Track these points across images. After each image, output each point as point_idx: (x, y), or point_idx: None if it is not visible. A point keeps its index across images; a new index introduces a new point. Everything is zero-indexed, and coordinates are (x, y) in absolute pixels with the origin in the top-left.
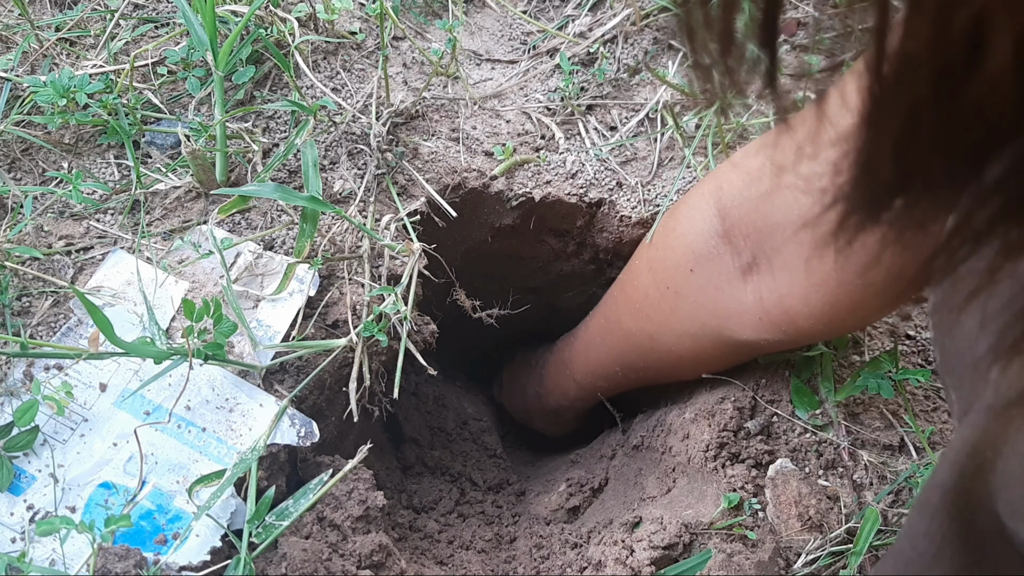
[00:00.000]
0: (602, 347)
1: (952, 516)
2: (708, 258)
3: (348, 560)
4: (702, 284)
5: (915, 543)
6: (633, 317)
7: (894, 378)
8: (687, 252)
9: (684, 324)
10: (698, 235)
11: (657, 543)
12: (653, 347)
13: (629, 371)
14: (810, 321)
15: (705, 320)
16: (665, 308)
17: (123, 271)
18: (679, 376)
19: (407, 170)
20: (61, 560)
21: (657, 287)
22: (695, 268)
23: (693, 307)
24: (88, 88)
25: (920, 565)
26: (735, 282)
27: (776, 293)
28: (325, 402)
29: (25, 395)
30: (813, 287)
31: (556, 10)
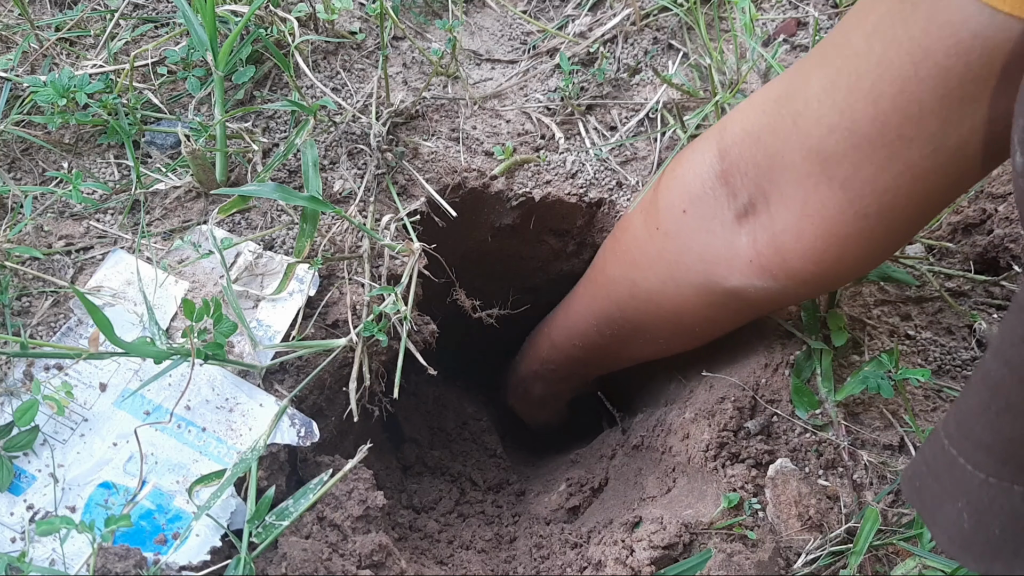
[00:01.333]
0: (582, 298)
1: None
2: (703, 199)
3: (348, 560)
4: (693, 226)
5: (1007, 355)
6: (618, 262)
7: (894, 378)
8: (682, 192)
9: (670, 268)
10: (696, 175)
11: (657, 543)
12: (634, 294)
13: (604, 326)
14: (801, 260)
15: (692, 264)
16: (652, 251)
17: (123, 271)
18: (656, 336)
19: (407, 170)
20: (61, 560)
21: (647, 228)
22: (688, 209)
23: (681, 250)
24: (88, 88)
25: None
26: (729, 226)
27: (770, 231)
28: (325, 402)
29: (25, 395)
30: (807, 219)
31: (556, 10)
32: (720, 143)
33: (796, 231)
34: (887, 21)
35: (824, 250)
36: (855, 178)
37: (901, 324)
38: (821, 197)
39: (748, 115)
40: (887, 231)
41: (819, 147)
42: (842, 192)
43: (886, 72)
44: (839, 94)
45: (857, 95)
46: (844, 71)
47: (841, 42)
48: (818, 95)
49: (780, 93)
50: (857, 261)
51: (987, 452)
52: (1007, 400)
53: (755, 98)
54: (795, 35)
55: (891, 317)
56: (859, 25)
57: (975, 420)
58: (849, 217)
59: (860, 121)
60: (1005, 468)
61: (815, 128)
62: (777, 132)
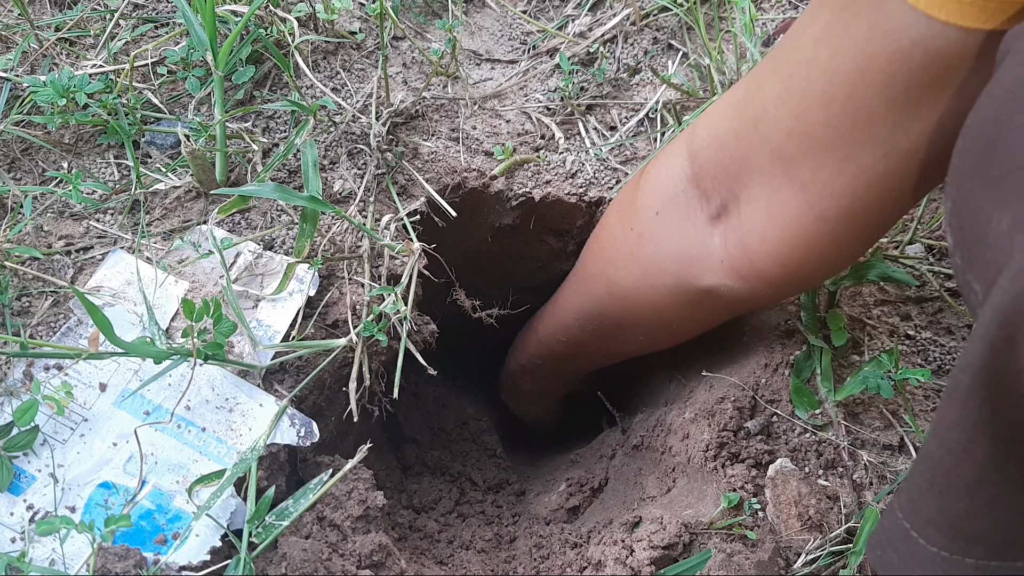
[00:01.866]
0: (565, 294)
1: (984, 399)
2: (675, 202)
3: (348, 560)
4: (667, 228)
5: (944, 439)
6: (595, 260)
7: (894, 378)
8: (655, 195)
9: (644, 267)
10: (668, 178)
11: (657, 543)
12: (611, 292)
13: (586, 321)
14: (767, 261)
15: (665, 265)
16: (627, 250)
17: (123, 271)
18: (635, 333)
19: (407, 170)
20: (61, 560)
21: (622, 228)
22: (661, 211)
23: (655, 251)
24: (88, 88)
25: (950, 464)
26: (701, 226)
27: (739, 232)
28: (325, 402)
29: (25, 395)
30: (771, 220)
31: (556, 10)
32: (690, 147)
33: (761, 232)
34: (832, 28)
35: (788, 253)
36: (814, 180)
37: (901, 324)
38: (783, 198)
39: (713, 120)
40: (848, 234)
41: (780, 150)
42: (803, 194)
43: (834, 78)
44: (793, 99)
45: (809, 100)
46: (796, 76)
47: (791, 47)
48: (774, 100)
49: (740, 97)
50: (822, 263)
51: (936, 528)
52: (948, 480)
53: (719, 103)
54: None
55: (891, 317)
56: (807, 31)
57: (921, 498)
58: (809, 220)
59: (815, 125)
60: (954, 543)
61: (775, 132)
62: (740, 136)
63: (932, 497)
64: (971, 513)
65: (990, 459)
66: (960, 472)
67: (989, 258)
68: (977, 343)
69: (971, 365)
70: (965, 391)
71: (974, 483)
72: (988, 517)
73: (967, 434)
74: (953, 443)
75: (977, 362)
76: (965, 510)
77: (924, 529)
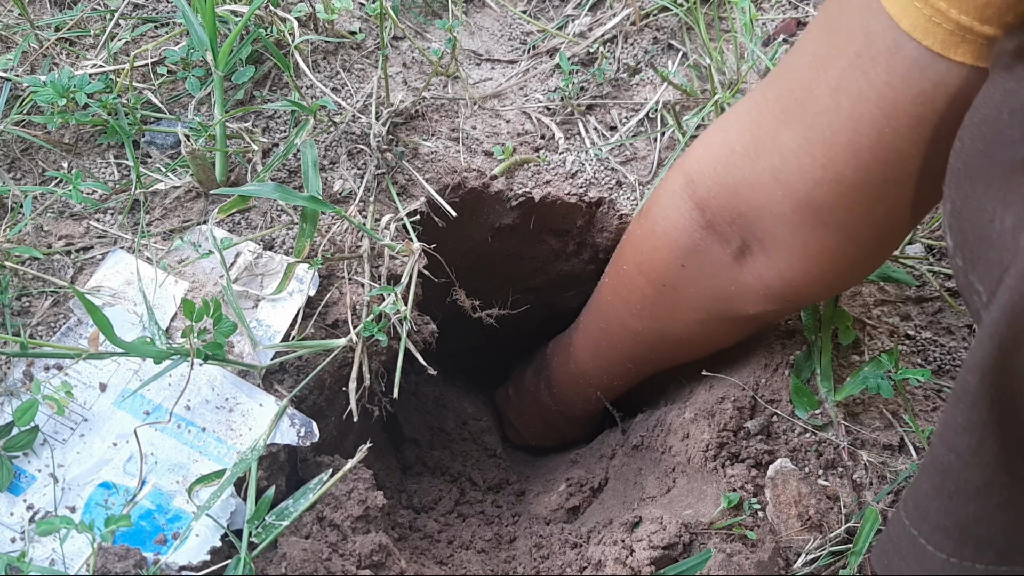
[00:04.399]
0: (610, 350)
1: (993, 401)
2: (696, 251)
3: (348, 560)
4: (696, 275)
5: (952, 442)
6: (637, 318)
7: (894, 378)
8: (673, 250)
9: (690, 314)
10: (680, 231)
11: (657, 543)
12: (663, 339)
13: (642, 365)
14: (813, 288)
15: (709, 306)
16: (667, 304)
17: (123, 271)
18: (692, 356)
19: (407, 170)
20: (61, 560)
21: (653, 287)
22: (686, 263)
23: (694, 296)
24: (88, 88)
25: (958, 468)
26: (729, 266)
27: (775, 270)
28: (325, 402)
29: (25, 395)
30: (811, 258)
31: (556, 10)
32: (694, 196)
33: (803, 269)
34: (850, 76)
35: (834, 276)
36: (849, 219)
37: (901, 324)
38: (819, 240)
39: (716, 167)
40: (883, 246)
41: (808, 199)
42: (839, 233)
43: (860, 125)
44: (816, 150)
45: (836, 149)
46: (817, 127)
47: (804, 97)
48: (795, 151)
49: (747, 147)
50: (858, 276)
51: (945, 534)
52: (957, 484)
53: (717, 147)
54: (795, 35)
55: (891, 317)
56: (821, 80)
57: (930, 503)
58: (851, 249)
59: (844, 172)
60: (964, 549)
61: (800, 183)
62: (757, 187)
63: (940, 502)
64: (980, 518)
65: (999, 462)
66: (969, 476)
67: (993, 257)
68: (985, 343)
69: (979, 366)
70: (974, 393)
71: (984, 487)
72: (998, 521)
73: (976, 437)
74: (962, 447)
75: (985, 363)
76: (974, 515)
77: (933, 535)
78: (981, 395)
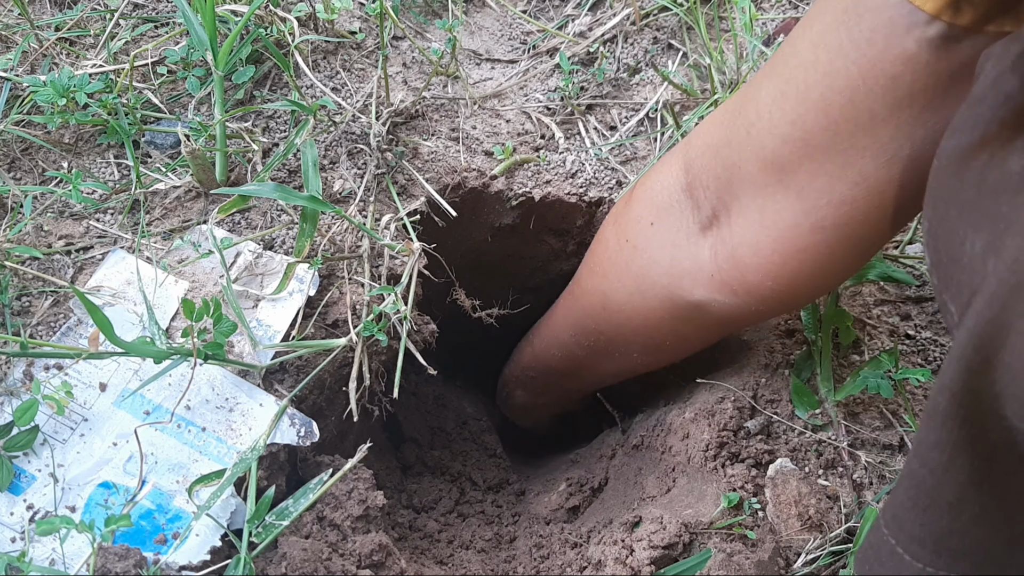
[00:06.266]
0: (561, 308)
1: (963, 420)
2: (669, 211)
3: (348, 560)
4: (660, 239)
5: (925, 458)
6: (591, 273)
7: (894, 378)
8: (650, 205)
9: (636, 281)
10: (662, 188)
11: (657, 543)
12: (605, 306)
13: (581, 337)
14: (758, 275)
15: (657, 278)
16: (621, 263)
17: (123, 271)
18: (628, 349)
19: (407, 170)
20: (61, 560)
21: (617, 240)
22: (655, 221)
23: (648, 263)
24: (88, 88)
25: (932, 483)
26: (693, 237)
27: (729, 243)
28: (325, 402)
29: (25, 395)
30: (764, 230)
31: (556, 10)
32: (685, 156)
33: (753, 243)
34: (832, 30)
35: (781, 264)
36: (810, 187)
37: (901, 324)
38: (777, 207)
39: (709, 128)
40: (844, 247)
41: (773, 157)
42: (798, 202)
43: (834, 82)
44: (788, 104)
45: (807, 104)
46: (793, 80)
47: (789, 52)
48: (769, 105)
49: (735, 105)
50: (814, 277)
51: (921, 544)
52: (930, 498)
53: (716, 112)
54: None
55: (891, 317)
56: (805, 35)
57: (906, 514)
58: (805, 230)
59: (812, 130)
60: (939, 559)
61: (768, 138)
62: (732, 144)
63: (916, 514)
64: (954, 530)
65: (970, 479)
66: (942, 491)
67: (964, 280)
68: (954, 365)
69: (948, 387)
70: (943, 413)
71: (956, 502)
72: (971, 534)
73: (947, 454)
74: (934, 463)
75: (954, 384)
76: (948, 527)
77: (909, 545)
78: (951, 415)
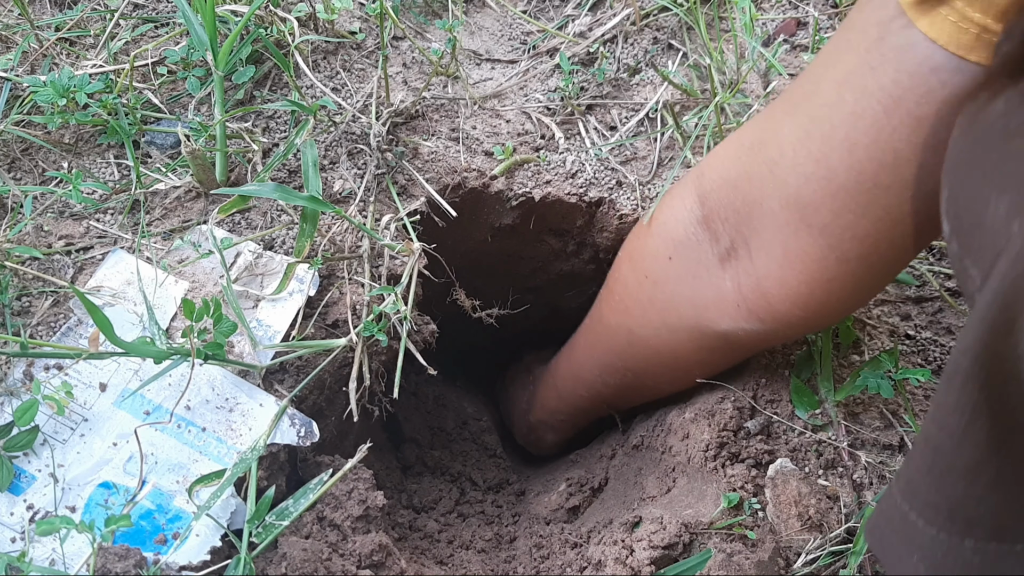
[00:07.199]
0: (584, 348)
1: (983, 384)
2: (686, 245)
3: (348, 560)
4: (680, 272)
5: (943, 422)
6: (613, 311)
7: (894, 378)
8: (666, 240)
9: (662, 315)
10: (678, 222)
11: (657, 543)
12: (631, 342)
13: (607, 375)
14: (786, 304)
15: (683, 310)
16: (643, 298)
17: (123, 271)
18: (657, 382)
19: (407, 170)
20: (61, 560)
21: (636, 276)
22: (673, 256)
23: (671, 296)
24: (88, 88)
25: (949, 447)
26: (713, 270)
27: (754, 276)
28: (325, 402)
29: (25, 395)
30: (789, 265)
31: (556, 10)
32: (699, 189)
33: (779, 277)
34: (857, 71)
35: (809, 295)
36: (834, 225)
37: (901, 324)
38: (801, 244)
39: (724, 162)
40: (871, 273)
41: (796, 195)
42: (822, 238)
43: (859, 122)
44: (813, 144)
45: (832, 144)
46: (817, 120)
47: (811, 90)
48: (792, 144)
49: (753, 140)
50: (842, 303)
51: (935, 510)
52: (947, 463)
53: (729, 144)
54: (795, 35)
55: (891, 317)
56: (828, 74)
57: (921, 480)
58: (831, 263)
59: (836, 170)
60: (954, 524)
61: (791, 176)
62: (753, 179)
63: (931, 479)
64: (970, 496)
65: (989, 443)
66: (959, 455)
67: (987, 243)
68: (976, 326)
69: (970, 348)
70: (964, 374)
71: (973, 466)
72: (987, 500)
73: (966, 418)
74: (952, 426)
75: (977, 346)
76: (964, 493)
77: (923, 511)
78: (972, 377)
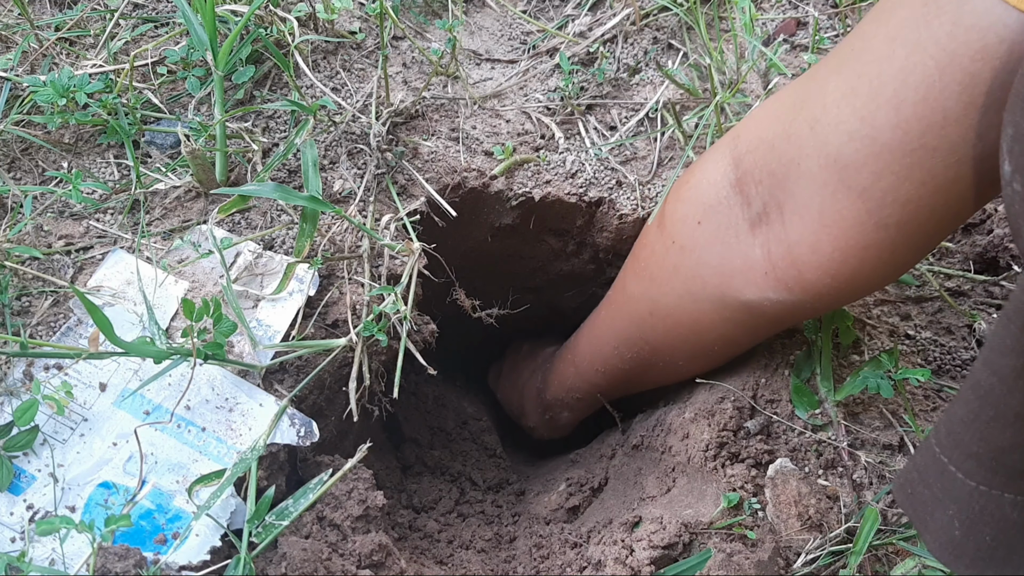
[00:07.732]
0: (604, 319)
1: None
2: (717, 209)
3: (348, 560)
4: (708, 238)
5: (997, 365)
6: (637, 278)
7: (894, 378)
8: (697, 203)
9: (686, 283)
10: (710, 184)
11: (657, 543)
12: (652, 311)
13: (625, 348)
14: (817, 272)
15: (708, 278)
16: (668, 265)
17: (123, 271)
18: (674, 356)
19: (407, 170)
20: (61, 560)
21: (663, 242)
22: (703, 220)
23: (696, 263)
24: (88, 88)
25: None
26: (743, 236)
27: (785, 242)
28: (325, 402)
29: (25, 395)
30: (824, 229)
31: (556, 10)
32: (734, 151)
33: (812, 242)
34: (910, 25)
35: (842, 262)
36: (875, 187)
37: (901, 324)
38: (839, 207)
39: (762, 122)
40: (907, 243)
41: (837, 155)
42: (861, 202)
43: (909, 77)
44: (859, 100)
45: (878, 101)
46: (865, 76)
47: (860, 46)
48: (837, 100)
49: (795, 99)
50: (875, 273)
51: (977, 461)
52: (996, 409)
53: (768, 105)
54: (795, 35)
55: (891, 317)
56: (880, 29)
57: (965, 429)
58: (868, 228)
59: (881, 128)
60: (995, 477)
61: (833, 134)
62: (792, 139)
63: (976, 429)
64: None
65: None
66: (1010, 401)
67: None
68: None
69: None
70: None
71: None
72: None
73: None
74: (1006, 370)
75: None
76: (1011, 441)
77: (964, 463)
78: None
